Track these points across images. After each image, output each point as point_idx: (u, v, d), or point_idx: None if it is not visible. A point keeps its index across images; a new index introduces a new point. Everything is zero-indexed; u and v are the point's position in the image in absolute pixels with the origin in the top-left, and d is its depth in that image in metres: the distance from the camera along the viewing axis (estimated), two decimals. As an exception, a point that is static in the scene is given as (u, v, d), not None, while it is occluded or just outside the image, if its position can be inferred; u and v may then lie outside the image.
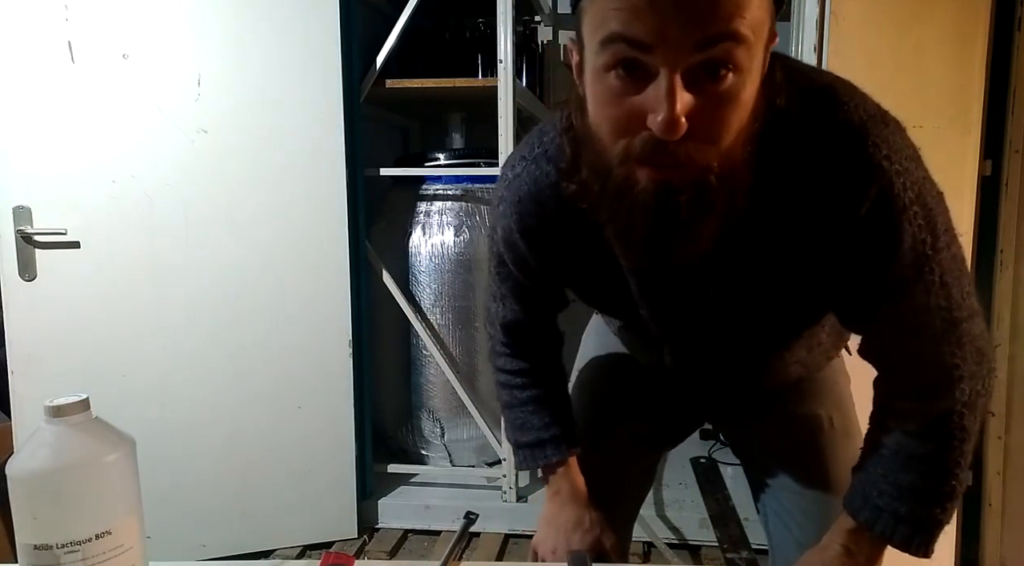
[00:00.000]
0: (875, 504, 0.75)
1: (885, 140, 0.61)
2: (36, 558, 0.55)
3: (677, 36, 0.50)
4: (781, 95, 0.60)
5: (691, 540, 1.96)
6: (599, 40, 0.53)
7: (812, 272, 0.68)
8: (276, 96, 1.79)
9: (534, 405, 0.92)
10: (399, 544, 2.03)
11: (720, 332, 0.80)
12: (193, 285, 1.79)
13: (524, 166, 0.75)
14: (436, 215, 2.11)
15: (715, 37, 0.50)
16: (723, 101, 0.53)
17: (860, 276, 0.66)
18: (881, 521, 0.75)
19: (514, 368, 0.93)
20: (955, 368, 0.69)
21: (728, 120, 0.54)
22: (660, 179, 0.55)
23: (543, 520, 0.94)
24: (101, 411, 0.60)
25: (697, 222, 0.58)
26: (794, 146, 0.61)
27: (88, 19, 1.64)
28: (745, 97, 0.54)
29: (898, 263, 0.64)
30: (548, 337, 0.95)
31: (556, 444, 0.91)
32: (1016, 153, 1.59)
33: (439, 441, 2.20)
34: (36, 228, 1.67)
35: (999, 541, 1.69)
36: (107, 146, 1.69)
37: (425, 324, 2.10)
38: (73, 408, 0.58)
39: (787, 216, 0.64)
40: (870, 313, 0.69)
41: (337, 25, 1.80)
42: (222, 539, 1.89)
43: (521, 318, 0.90)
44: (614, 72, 0.54)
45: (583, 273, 0.79)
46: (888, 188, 0.61)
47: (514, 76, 1.91)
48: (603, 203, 0.61)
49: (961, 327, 0.68)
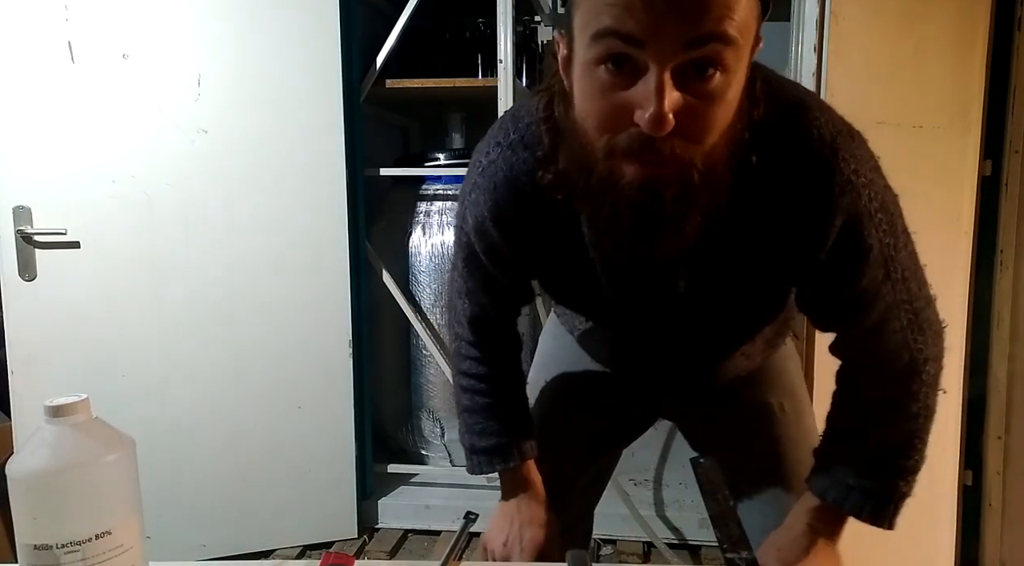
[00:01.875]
0: (844, 483, 0.79)
1: (853, 154, 0.66)
2: (36, 558, 0.55)
3: (669, 34, 0.51)
4: (760, 104, 0.62)
5: (691, 540, 1.96)
6: (591, 34, 0.54)
7: (781, 273, 0.73)
8: (276, 96, 1.79)
9: (495, 411, 0.92)
10: (399, 544, 2.03)
11: (683, 326, 0.82)
12: (193, 285, 1.79)
13: (499, 152, 0.74)
14: (436, 215, 2.11)
15: (705, 37, 0.52)
16: (709, 100, 0.54)
17: (833, 281, 0.71)
18: (851, 499, 0.78)
19: (479, 372, 0.91)
20: (920, 352, 0.75)
21: (713, 119, 0.55)
22: (645, 174, 0.56)
23: (496, 516, 0.94)
24: (101, 411, 0.60)
25: (681, 218, 0.59)
26: (770, 154, 0.64)
27: (88, 19, 1.64)
28: (730, 97, 0.56)
29: (868, 267, 0.69)
30: (512, 336, 0.94)
31: (516, 449, 0.91)
32: (1016, 153, 1.59)
33: (439, 441, 2.20)
34: (36, 228, 1.67)
35: (999, 541, 1.69)
36: (107, 146, 1.69)
37: (425, 324, 2.10)
38: (73, 408, 0.57)
39: (760, 219, 0.67)
40: (843, 314, 0.74)
41: (337, 25, 1.80)
42: (222, 539, 1.89)
43: (489, 313, 0.89)
44: (604, 66, 0.54)
45: (554, 262, 0.79)
46: (856, 200, 0.65)
47: (514, 76, 1.91)
48: (586, 197, 0.62)
49: (922, 315, 0.74)
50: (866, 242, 0.67)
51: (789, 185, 0.65)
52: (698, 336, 0.85)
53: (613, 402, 1.02)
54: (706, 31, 0.51)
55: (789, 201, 0.66)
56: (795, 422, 0.97)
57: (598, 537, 2.01)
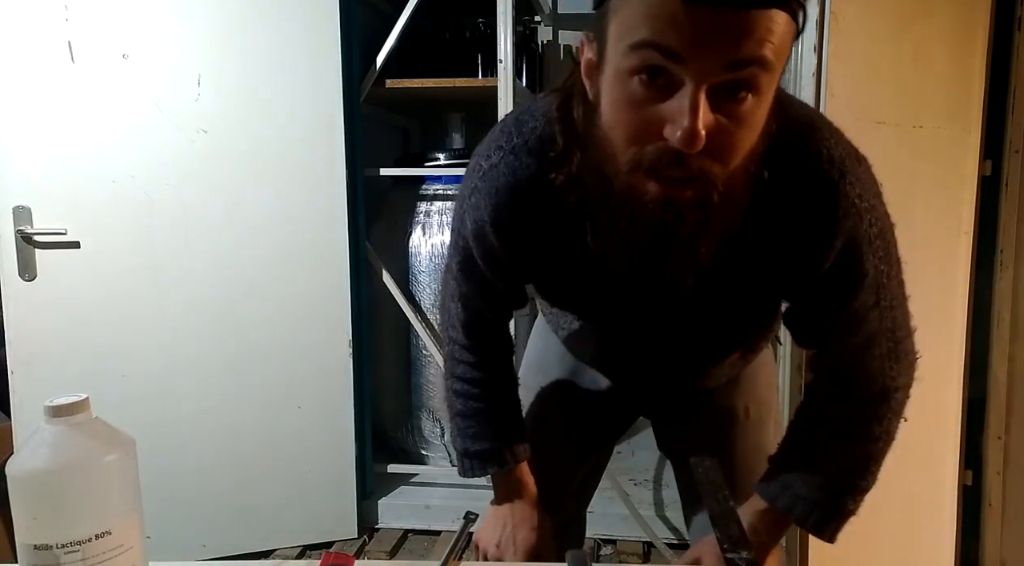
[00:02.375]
0: (795, 492, 0.80)
1: (859, 178, 0.66)
2: (36, 558, 0.55)
3: (710, 53, 0.51)
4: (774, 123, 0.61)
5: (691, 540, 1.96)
6: (628, 43, 0.53)
7: (779, 287, 0.75)
8: (276, 96, 1.79)
9: (487, 415, 0.91)
10: (399, 544, 2.03)
11: (676, 331, 0.83)
12: (193, 285, 1.79)
13: (501, 156, 0.72)
14: (436, 215, 2.11)
15: (746, 60, 0.51)
16: (739, 121, 0.54)
17: (826, 300, 0.72)
18: (798, 508, 0.80)
19: (472, 377, 0.91)
20: (893, 380, 0.77)
21: (741, 140, 0.56)
22: (668, 194, 0.56)
23: (488, 518, 0.94)
24: (101, 411, 0.60)
25: (697, 239, 0.59)
26: (779, 171, 0.64)
27: (88, 19, 1.64)
28: (757, 120, 0.56)
29: (862, 291, 0.70)
30: (505, 340, 0.94)
31: (509, 452, 0.91)
32: (1016, 153, 1.59)
33: (439, 441, 2.20)
34: (36, 228, 1.67)
35: (999, 541, 1.69)
36: (107, 146, 1.69)
37: (425, 324, 2.10)
38: (73, 408, 0.57)
39: (765, 234, 0.68)
40: (828, 333, 0.76)
41: (337, 25, 1.80)
42: (222, 539, 1.89)
43: (484, 317, 0.88)
44: (638, 77, 0.53)
45: (553, 267, 0.78)
46: (858, 224, 0.66)
47: (514, 76, 1.91)
48: (602, 207, 0.61)
49: (901, 345, 0.76)
50: (863, 267, 0.68)
51: (795, 203, 0.66)
52: (689, 342, 0.85)
53: (596, 402, 1.02)
54: (747, 54, 0.51)
55: (794, 219, 0.66)
56: (755, 427, 0.99)
57: (599, 537, 2.01)
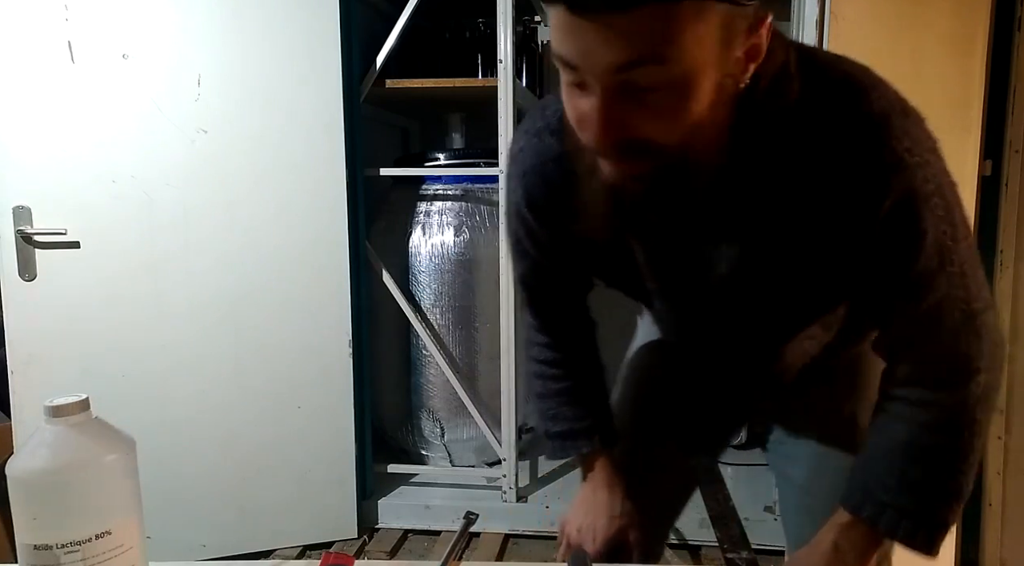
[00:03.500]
0: (879, 500, 0.73)
1: (907, 132, 0.62)
2: (36, 558, 0.55)
3: (597, 60, 0.52)
4: (794, 81, 0.61)
5: (691, 540, 1.96)
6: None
7: (829, 259, 0.68)
8: (276, 96, 1.79)
9: (568, 396, 0.91)
10: (399, 544, 2.03)
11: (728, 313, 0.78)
12: (193, 285, 1.79)
13: (527, 140, 0.76)
14: (436, 215, 2.11)
15: (633, 62, 0.52)
16: (664, 102, 0.55)
17: (884, 268, 0.66)
18: (885, 516, 0.72)
19: (548, 358, 0.91)
20: (973, 359, 0.69)
21: (678, 113, 0.56)
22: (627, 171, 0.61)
23: (576, 500, 0.94)
24: (101, 411, 0.60)
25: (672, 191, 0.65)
26: (819, 132, 0.62)
27: (88, 19, 1.64)
28: (696, 91, 0.55)
29: (923, 255, 0.64)
30: (580, 321, 0.93)
31: (589, 435, 0.90)
32: (1016, 153, 1.59)
33: (439, 441, 2.20)
34: (36, 228, 1.67)
35: (999, 541, 1.69)
36: (107, 146, 1.69)
37: (425, 324, 2.10)
38: (73, 408, 0.57)
39: (809, 198, 0.64)
40: (891, 305, 0.69)
41: (337, 25, 1.80)
42: (222, 539, 1.88)
43: (546, 297, 0.91)
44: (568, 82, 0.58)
45: (591, 245, 0.79)
46: (910, 180, 0.61)
47: (514, 76, 1.91)
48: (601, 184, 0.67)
49: (979, 318, 0.68)
50: (920, 225, 0.62)
51: (840, 164, 0.62)
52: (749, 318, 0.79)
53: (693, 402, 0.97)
54: (633, 56, 0.51)
55: (837, 182, 0.62)
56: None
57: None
